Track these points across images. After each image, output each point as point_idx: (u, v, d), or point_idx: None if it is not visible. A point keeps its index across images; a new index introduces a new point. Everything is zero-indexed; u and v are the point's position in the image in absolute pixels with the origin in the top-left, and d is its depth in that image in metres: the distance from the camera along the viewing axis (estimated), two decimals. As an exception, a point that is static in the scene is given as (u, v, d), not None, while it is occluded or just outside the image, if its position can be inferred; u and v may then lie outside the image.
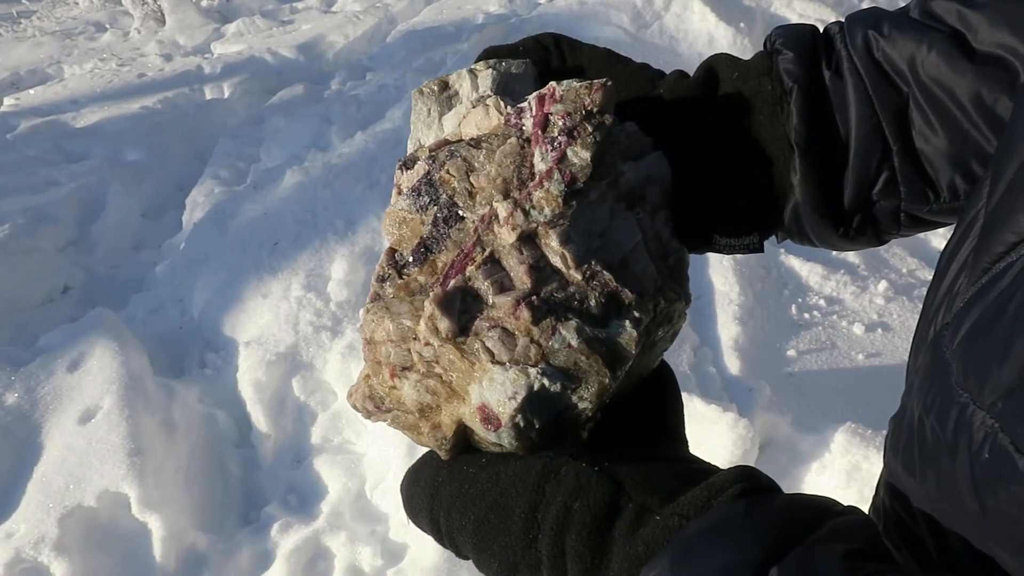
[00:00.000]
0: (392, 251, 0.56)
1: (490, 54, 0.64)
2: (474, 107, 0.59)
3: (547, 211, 0.53)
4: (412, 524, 0.55)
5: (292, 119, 4.07)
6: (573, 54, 0.64)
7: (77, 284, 3.27)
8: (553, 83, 0.56)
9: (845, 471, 1.92)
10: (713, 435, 1.96)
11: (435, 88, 0.62)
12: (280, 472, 2.33)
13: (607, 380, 0.51)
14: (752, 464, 1.99)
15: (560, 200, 0.53)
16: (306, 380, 2.50)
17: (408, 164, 0.58)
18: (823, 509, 0.45)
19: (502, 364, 0.51)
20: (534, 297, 0.52)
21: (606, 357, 0.51)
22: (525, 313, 0.51)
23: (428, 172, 0.56)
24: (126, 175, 3.84)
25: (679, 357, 2.29)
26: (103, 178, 3.78)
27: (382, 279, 0.55)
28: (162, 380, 2.45)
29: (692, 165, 0.60)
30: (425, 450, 0.56)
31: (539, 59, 0.63)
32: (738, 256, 2.63)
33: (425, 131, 0.62)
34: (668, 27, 3.94)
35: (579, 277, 0.53)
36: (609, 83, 0.56)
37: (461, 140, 0.58)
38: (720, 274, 2.60)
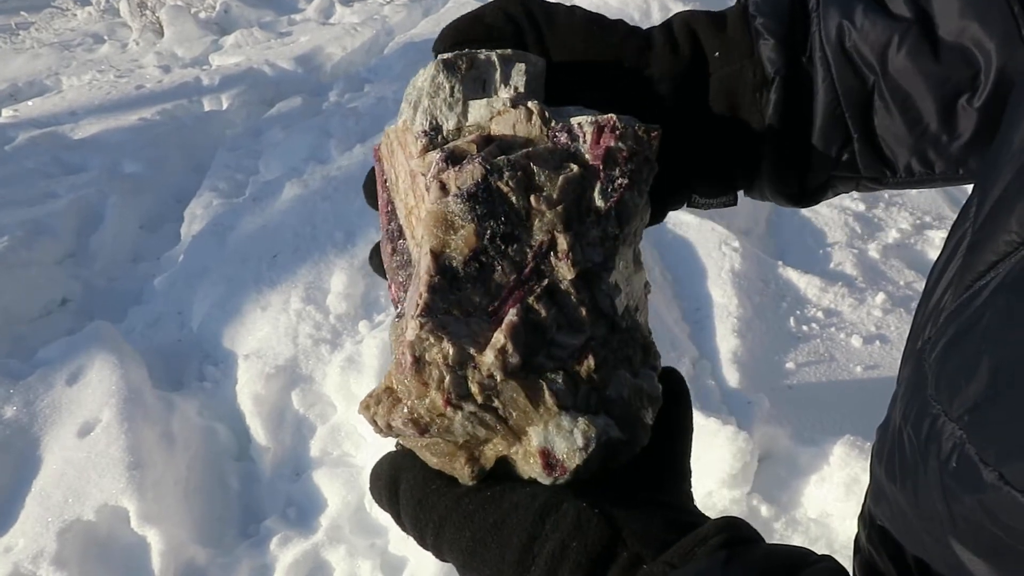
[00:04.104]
0: (436, 257, 0.51)
1: (458, 31, 0.61)
2: (513, 107, 0.56)
3: (600, 252, 0.52)
4: (379, 507, 0.56)
5: (291, 131, 4.07)
6: (552, 33, 0.62)
7: (75, 297, 3.26)
8: (613, 116, 0.54)
9: (844, 484, 1.92)
10: (712, 448, 1.96)
11: (463, 66, 0.57)
12: (279, 485, 2.32)
13: (648, 432, 0.53)
14: (751, 477, 2.00)
15: (613, 242, 0.53)
16: (305, 393, 2.50)
17: (454, 159, 0.54)
18: (798, 559, 0.47)
19: (567, 410, 0.50)
20: (593, 342, 0.51)
21: (648, 408, 0.53)
22: (590, 360, 0.51)
23: (486, 178, 0.52)
24: (124, 187, 3.83)
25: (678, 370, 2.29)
26: (101, 190, 3.78)
27: (433, 290, 0.51)
28: (161, 393, 2.44)
29: (678, 139, 0.61)
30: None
31: (516, 42, 0.61)
32: (736, 268, 2.64)
33: (446, 111, 0.57)
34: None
35: (624, 325, 0.53)
36: (660, 130, 0.56)
37: (499, 138, 0.55)
38: (719, 286, 2.61)
